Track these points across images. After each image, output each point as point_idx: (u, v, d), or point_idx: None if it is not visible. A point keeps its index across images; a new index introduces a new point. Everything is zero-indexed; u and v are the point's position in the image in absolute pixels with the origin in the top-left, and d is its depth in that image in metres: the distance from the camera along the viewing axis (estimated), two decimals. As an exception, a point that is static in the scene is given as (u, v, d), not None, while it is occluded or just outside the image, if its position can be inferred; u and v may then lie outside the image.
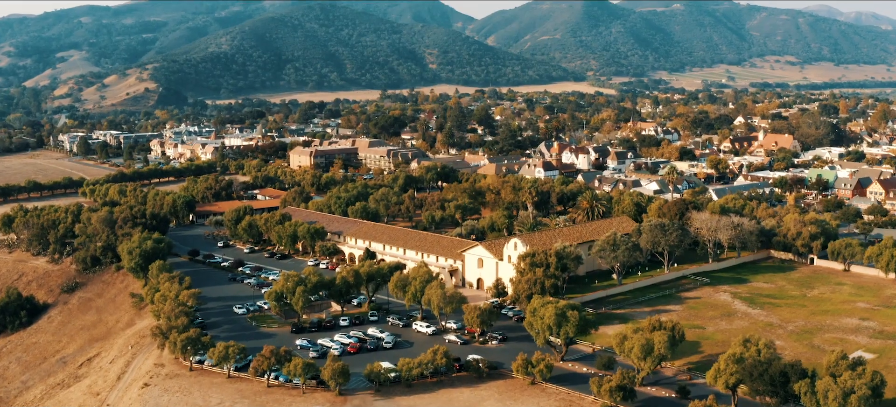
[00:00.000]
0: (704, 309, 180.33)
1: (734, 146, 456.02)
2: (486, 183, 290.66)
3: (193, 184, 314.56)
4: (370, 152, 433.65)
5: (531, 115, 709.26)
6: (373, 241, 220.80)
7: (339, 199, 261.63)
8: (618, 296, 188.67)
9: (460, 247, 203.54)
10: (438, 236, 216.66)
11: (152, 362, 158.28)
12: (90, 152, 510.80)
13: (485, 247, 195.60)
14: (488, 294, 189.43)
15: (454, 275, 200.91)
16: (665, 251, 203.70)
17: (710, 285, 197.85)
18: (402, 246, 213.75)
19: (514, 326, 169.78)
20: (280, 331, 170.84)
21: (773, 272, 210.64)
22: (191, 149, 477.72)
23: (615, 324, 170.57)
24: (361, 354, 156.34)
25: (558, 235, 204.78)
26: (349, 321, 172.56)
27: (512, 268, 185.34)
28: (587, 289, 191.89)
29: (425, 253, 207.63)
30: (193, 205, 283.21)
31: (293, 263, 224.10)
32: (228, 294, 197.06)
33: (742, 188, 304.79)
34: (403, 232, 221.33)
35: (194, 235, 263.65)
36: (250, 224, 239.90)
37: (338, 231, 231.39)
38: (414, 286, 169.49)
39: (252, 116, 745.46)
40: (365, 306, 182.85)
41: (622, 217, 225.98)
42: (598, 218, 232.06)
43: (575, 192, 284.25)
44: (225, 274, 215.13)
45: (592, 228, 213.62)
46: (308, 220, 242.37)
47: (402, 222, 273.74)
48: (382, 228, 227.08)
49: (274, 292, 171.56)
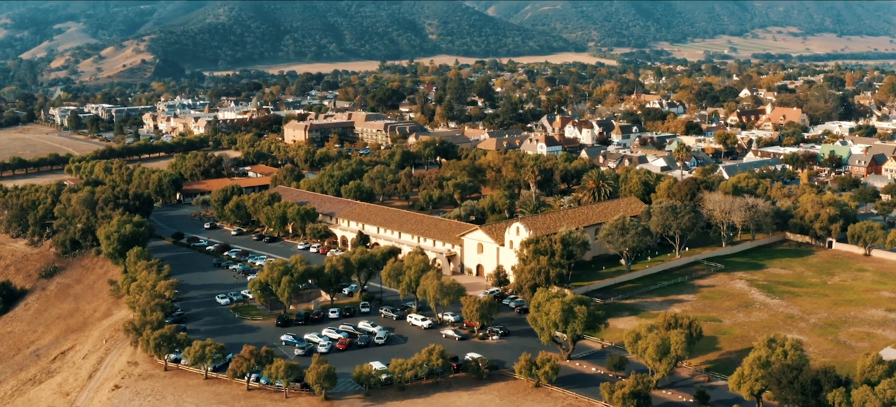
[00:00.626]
0: (720, 299, 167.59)
1: (741, 120, 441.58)
2: (486, 160, 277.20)
3: (182, 160, 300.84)
4: (367, 126, 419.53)
5: (532, 87, 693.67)
6: (366, 223, 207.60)
7: (331, 178, 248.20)
8: (627, 284, 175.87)
9: (459, 230, 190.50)
10: (436, 219, 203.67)
11: (126, 360, 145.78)
12: (81, 127, 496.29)
13: (485, 231, 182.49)
14: (488, 282, 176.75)
15: (452, 261, 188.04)
16: (676, 235, 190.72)
17: (724, 272, 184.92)
18: (397, 229, 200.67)
19: (517, 319, 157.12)
20: (265, 324, 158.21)
21: (790, 257, 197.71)
22: (183, 123, 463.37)
23: (625, 316, 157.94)
24: (351, 351, 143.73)
25: (563, 218, 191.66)
26: (339, 313, 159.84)
27: (514, 254, 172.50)
28: (594, 276, 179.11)
29: (422, 237, 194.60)
30: (180, 183, 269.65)
31: (282, 247, 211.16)
32: (212, 282, 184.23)
33: (753, 165, 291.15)
34: (399, 214, 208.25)
35: (180, 216, 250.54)
36: (238, 205, 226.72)
37: (329, 212, 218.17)
38: (408, 276, 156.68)
39: (248, 89, 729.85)
40: (357, 296, 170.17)
41: (630, 198, 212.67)
42: (604, 199, 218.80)
43: (579, 169, 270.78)
44: (210, 259, 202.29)
45: (599, 210, 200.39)
46: (299, 200, 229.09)
47: (399, 201, 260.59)
48: (376, 210, 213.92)
49: (258, 282, 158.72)
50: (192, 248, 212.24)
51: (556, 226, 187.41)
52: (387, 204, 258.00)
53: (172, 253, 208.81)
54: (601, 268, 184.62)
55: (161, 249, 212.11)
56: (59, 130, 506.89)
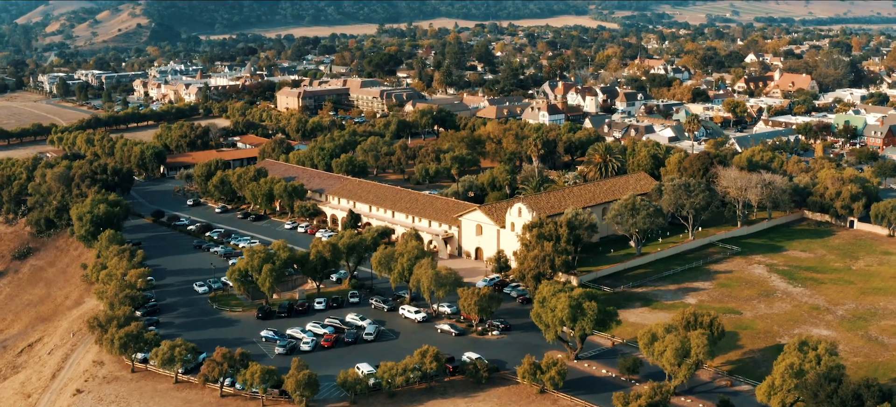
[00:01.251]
0: (738, 286, 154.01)
1: (749, 86, 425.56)
2: (485, 131, 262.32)
3: (167, 131, 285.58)
4: (362, 93, 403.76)
5: (533, 51, 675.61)
6: (358, 201, 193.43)
7: (322, 152, 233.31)
8: (637, 269, 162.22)
9: (456, 210, 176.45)
10: (432, 197, 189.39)
11: (91, 359, 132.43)
12: (70, 94, 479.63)
13: (484, 212, 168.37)
14: (488, 267, 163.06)
15: (449, 243, 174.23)
16: (690, 215, 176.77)
17: (741, 255, 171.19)
18: (390, 208, 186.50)
19: (519, 310, 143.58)
20: (245, 316, 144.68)
21: (810, 237, 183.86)
22: (174, 90, 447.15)
23: (636, 306, 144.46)
24: (337, 348, 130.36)
25: (568, 197, 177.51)
26: (325, 303, 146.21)
27: (516, 238, 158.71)
28: (601, 260, 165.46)
29: (416, 217, 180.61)
30: (164, 156, 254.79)
31: (268, 227, 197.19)
32: (191, 266, 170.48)
33: (764, 136, 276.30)
34: (392, 191, 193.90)
35: (163, 191, 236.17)
36: (222, 180, 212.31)
37: (319, 189, 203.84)
38: (401, 264, 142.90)
39: (244, 53, 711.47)
40: (345, 283, 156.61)
41: (639, 173, 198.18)
42: (612, 175, 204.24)
43: (584, 140, 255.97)
44: (190, 240, 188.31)
45: (607, 188, 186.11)
46: (286, 175, 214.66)
47: (393, 175, 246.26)
48: (369, 187, 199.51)
49: (238, 271, 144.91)
50: (172, 227, 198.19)
51: (560, 205, 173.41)
52: (381, 178, 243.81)
53: (151, 233, 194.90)
54: (609, 250, 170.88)
55: (139, 229, 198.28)
56: (47, 98, 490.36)
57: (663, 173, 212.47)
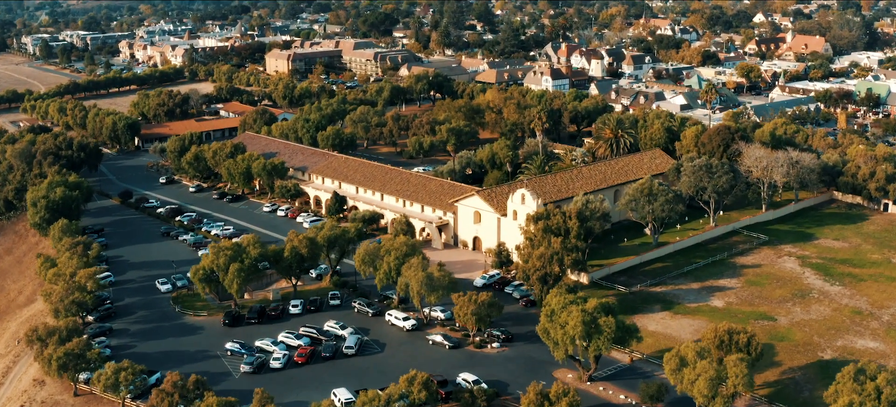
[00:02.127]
0: (769, 284, 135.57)
1: (760, 49, 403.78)
2: (485, 99, 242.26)
3: (145, 98, 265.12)
4: (355, 55, 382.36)
5: (534, 9, 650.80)
6: (344, 181, 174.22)
7: (307, 123, 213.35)
8: (654, 263, 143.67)
9: (452, 194, 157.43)
10: (425, 178, 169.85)
11: (32, 376, 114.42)
12: (53, 57, 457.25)
13: (483, 197, 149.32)
14: (487, 260, 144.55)
15: (444, 231, 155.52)
16: (711, 199, 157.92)
17: (768, 245, 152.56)
18: (379, 190, 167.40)
19: (522, 315, 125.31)
20: (210, 321, 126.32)
21: (842, 223, 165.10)
22: (160, 51, 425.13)
23: (656, 310, 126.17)
24: (313, 364, 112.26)
25: (576, 180, 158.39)
26: (302, 306, 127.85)
27: (518, 228, 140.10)
28: (614, 250, 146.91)
29: (408, 200, 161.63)
30: (138, 127, 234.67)
31: (246, 209, 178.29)
32: (156, 258, 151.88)
33: (783, 104, 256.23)
34: (381, 171, 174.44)
35: (136, 167, 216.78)
36: (197, 156, 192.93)
37: (302, 167, 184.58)
38: (387, 263, 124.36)
39: (237, 11, 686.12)
40: (326, 280, 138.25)
41: (654, 151, 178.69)
42: (624, 151, 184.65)
43: (591, 110, 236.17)
44: (159, 225, 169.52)
45: (619, 168, 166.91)
46: (267, 151, 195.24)
47: (385, 148, 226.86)
48: (356, 165, 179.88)
49: (202, 270, 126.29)
50: (140, 210, 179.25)
51: (568, 189, 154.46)
52: (371, 151, 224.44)
53: (117, 217, 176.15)
54: (622, 239, 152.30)
55: (105, 212, 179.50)
56: (30, 61, 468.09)
57: (678, 148, 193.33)
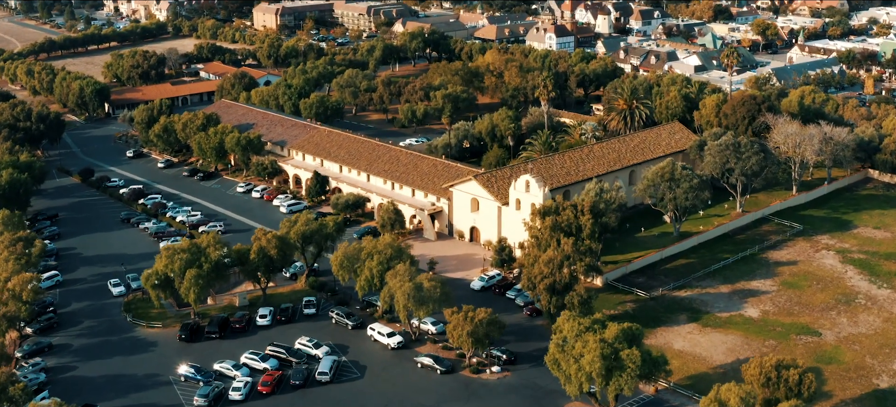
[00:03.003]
0: (808, 287, 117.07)
1: (773, 2, 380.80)
2: (484, 61, 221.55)
3: (118, 59, 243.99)
4: (347, 9, 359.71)
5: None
6: (326, 158, 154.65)
7: (288, 90, 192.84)
8: (677, 259, 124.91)
9: (447, 176, 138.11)
10: (417, 157, 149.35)
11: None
12: (34, 11, 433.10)
13: (481, 183, 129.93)
14: (487, 254, 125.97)
15: (437, 219, 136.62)
16: (739, 182, 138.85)
17: (803, 236, 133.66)
18: (365, 170, 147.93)
19: (527, 327, 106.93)
20: (165, 334, 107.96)
21: (881, 207, 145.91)
22: (145, 4, 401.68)
23: (682, 321, 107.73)
24: (280, 395, 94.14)
25: (587, 159, 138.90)
26: (271, 318, 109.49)
27: (521, 220, 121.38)
28: (630, 243, 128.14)
29: (397, 183, 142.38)
30: (107, 92, 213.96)
31: (218, 189, 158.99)
32: (114, 250, 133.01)
33: (806, 67, 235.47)
34: (368, 148, 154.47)
35: (103, 137, 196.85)
36: (166, 128, 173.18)
37: (281, 140, 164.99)
38: (369, 269, 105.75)
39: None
40: (301, 281, 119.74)
41: (673, 125, 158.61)
42: (639, 125, 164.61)
43: (599, 73, 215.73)
44: (121, 209, 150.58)
45: (635, 145, 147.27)
46: (244, 121, 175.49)
47: (375, 115, 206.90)
48: (340, 141, 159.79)
49: (154, 275, 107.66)
50: (102, 189, 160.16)
51: (578, 171, 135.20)
52: (360, 119, 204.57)
53: (76, 198, 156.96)
54: (639, 229, 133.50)
55: (64, 192, 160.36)
56: (10, 15, 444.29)
57: (696, 118, 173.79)
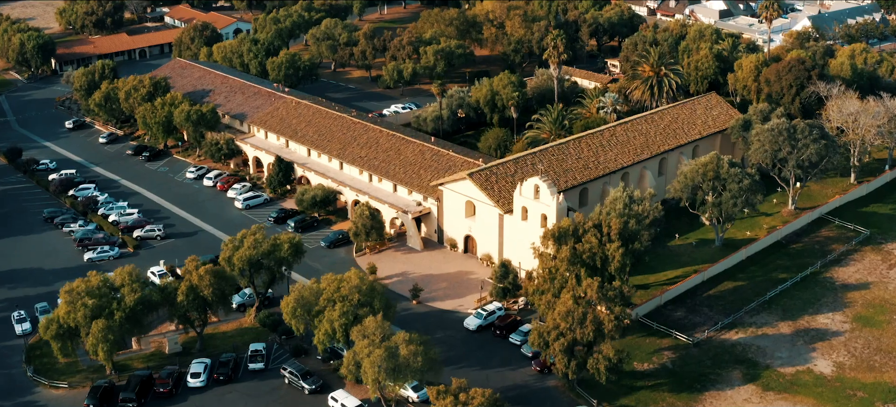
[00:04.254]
0: (887, 323, 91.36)
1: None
2: (483, 8, 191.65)
3: (71, 5, 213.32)
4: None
5: None
6: (292, 139, 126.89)
7: (255, 46, 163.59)
8: (721, 280, 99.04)
9: (435, 166, 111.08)
10: (400, 141, 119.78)
11: None
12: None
13: (478, 183, 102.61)
14: (484, 273, 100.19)
15: (424, 223, 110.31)
16: (792, 174, 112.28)
17: (870, 244, 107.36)
18: (338, 156, 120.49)
19: (537, 389, 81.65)
20: (71, 398, 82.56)
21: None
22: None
23: (736, 381, 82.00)
24: None
25: (609, 146, 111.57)
26: (206, 376, 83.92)
27: (529, 231, 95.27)
28: (661, 256, 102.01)
29: (375, 174, 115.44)
30: (52, 47, 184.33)
31: (165, 174, 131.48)
32: (27, 265, 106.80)
33: (844, 15, 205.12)
34: (342, 127, 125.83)
35: (44, 101, 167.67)
36: (108, 95, 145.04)
37: (240, 114, 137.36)
38: (329, 322, 79.72)
39: None
40: (249, 315, 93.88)
41: (710, 97, 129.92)
42: (668, 97, 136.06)
43: (614, 22, 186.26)
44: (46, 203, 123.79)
45: (665, 125, 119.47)
46: (199, 87, 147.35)
47: (357, 72, 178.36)
48: (309, 115, 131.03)
49: (54, 324, 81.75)
50: (29, 174, 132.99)
51: (598, 163, 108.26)
52: (339, 76, 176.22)
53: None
54: (672, 235, 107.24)
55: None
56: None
57: (731, 82, 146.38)
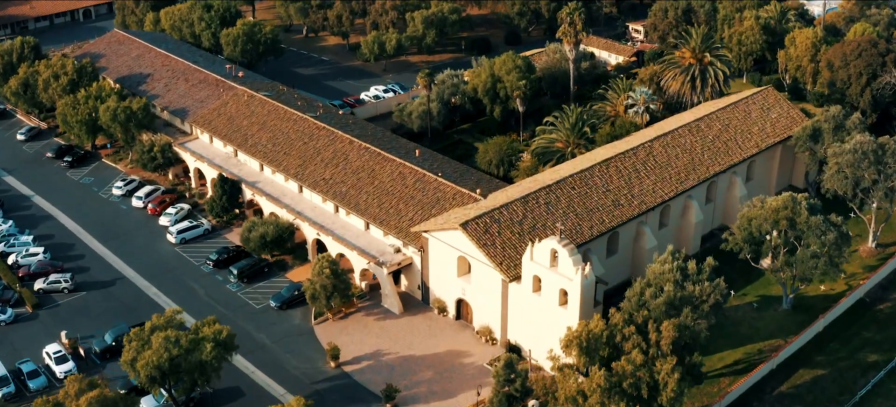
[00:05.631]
0: None
1: None
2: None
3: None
4: None
5: None
6: (242, 148, 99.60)
7: (207, 15, 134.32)
8: (796, 366, 73.72)
9: (418, 195, 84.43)
10: (375, 158, 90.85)
11: None
12: None
13: (473, 237, 74.01)
14: (484, 355, 74.91)
15: (404, 275, 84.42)
16: (873, 202, 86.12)
17: None
18: (296, 176, 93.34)
19: None
20: None
21: None
22: None
23: None
24: None
25: (644, 174, 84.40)
26: None
27: (543, 308, 69.91)
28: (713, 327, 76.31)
29: (341, 206, 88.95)
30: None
31: (89, 187, 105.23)
32: None
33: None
34: (304, 132, 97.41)
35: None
36: (26, 82, 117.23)
37: (180, 109, 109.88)
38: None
39: None
40: (169, 431, 69.15)
41: (766, 92, 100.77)
42: (713, 91, 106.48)
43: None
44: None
45: (712, 137, 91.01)
46: (135, 71, 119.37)
47: (333, 39, 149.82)
48: (263, 115, 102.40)
49: None
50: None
51: (632, 196, 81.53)
52: (312, 43, 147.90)
53: None
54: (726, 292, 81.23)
55: None
56: None
57: (781, 61, 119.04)
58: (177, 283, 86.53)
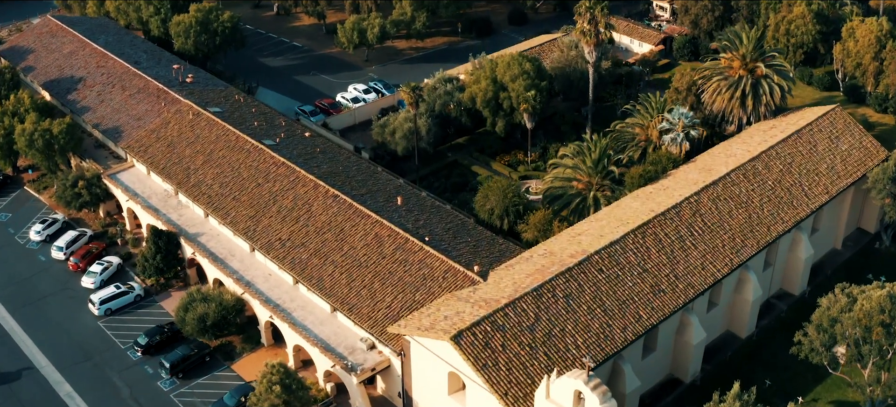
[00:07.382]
0: None
1: None
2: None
3: None
4: None
5: None
6: (182, 188, 78.66)
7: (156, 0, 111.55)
8: None
9: (400, 275, 64.69)
10: (346, 209, 70.18)
11: None
12: None
13: (469, 359, 54.23)
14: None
15: (380, 379, 64.77)
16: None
17: None
18: (244, 234, 73.06)
19: None
20: None
21: None
22: None
23: None
24: None
25: (691, 237, 64.01)
26: None
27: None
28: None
29: (303, 281, 68.59)
30: None
31: (3, 227, 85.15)
32: None
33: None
34: (259, 166, 75.60)
35: None
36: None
37: (113, 128, 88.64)
38: None
39: None
40: None
41: (834, 114, 76.59)
42: (769, 108, 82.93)
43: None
44: None
45: (773, 182, 70.16)
46: (65, 73, 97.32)
47: (308, 20, 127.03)
48: (210, 143, 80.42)
49: None
50: None
51: (676, 277, 61.13)
52: (284, 23, 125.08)
53: None
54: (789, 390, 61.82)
55: None
56: None
57: (837, 56, 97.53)
58: (96, 377, 67.06)
